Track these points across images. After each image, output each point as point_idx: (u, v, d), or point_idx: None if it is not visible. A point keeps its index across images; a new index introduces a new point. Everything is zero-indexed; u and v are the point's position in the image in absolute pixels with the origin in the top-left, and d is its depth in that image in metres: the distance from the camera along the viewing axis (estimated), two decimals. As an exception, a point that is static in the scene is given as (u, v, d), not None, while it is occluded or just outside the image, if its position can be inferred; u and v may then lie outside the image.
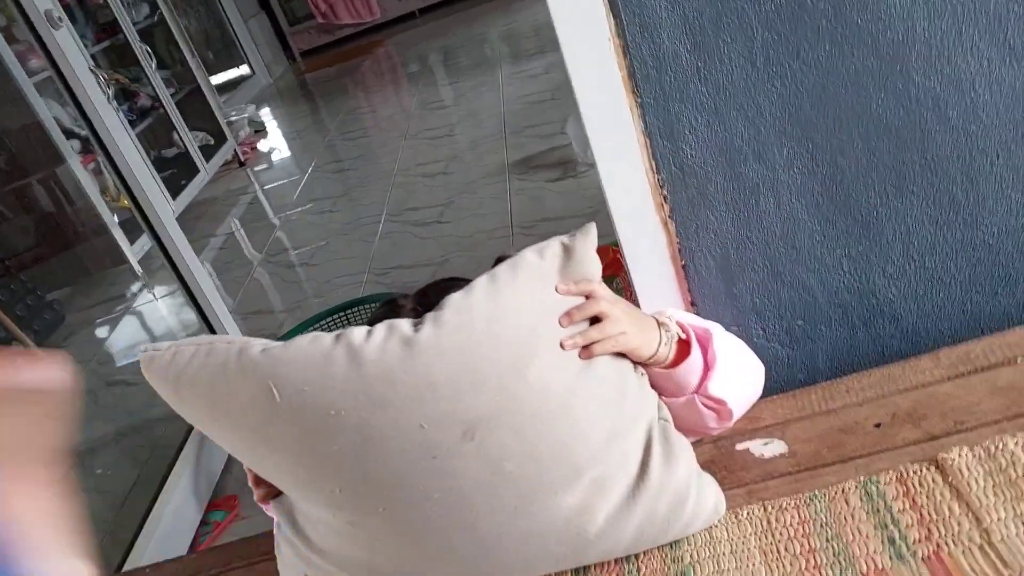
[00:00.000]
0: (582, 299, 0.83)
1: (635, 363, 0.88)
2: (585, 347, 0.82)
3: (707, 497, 0.88)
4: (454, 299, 0.80)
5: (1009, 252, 1.07)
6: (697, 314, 1.10)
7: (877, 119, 1.00)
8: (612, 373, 0.85)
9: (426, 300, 0.89)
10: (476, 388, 0.77)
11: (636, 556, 0.88)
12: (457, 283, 0.87)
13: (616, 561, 0.89)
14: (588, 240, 0.84)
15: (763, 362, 1.12)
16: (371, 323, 0.84)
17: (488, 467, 0.79)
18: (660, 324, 0.89)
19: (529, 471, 0.80)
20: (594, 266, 0.84)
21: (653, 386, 0.91)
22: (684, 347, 0.90)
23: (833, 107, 0.99)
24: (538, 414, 0.79)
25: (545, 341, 0.80)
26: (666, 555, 0.88)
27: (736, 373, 0.93)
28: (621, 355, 0.86)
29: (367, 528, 0.84)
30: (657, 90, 0.97)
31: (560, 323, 0.81)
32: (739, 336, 1.10)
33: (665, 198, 1.03)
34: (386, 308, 0.94)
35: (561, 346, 0.81)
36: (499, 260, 0.90)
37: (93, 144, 2.26)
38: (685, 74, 0.97)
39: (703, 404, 0.92)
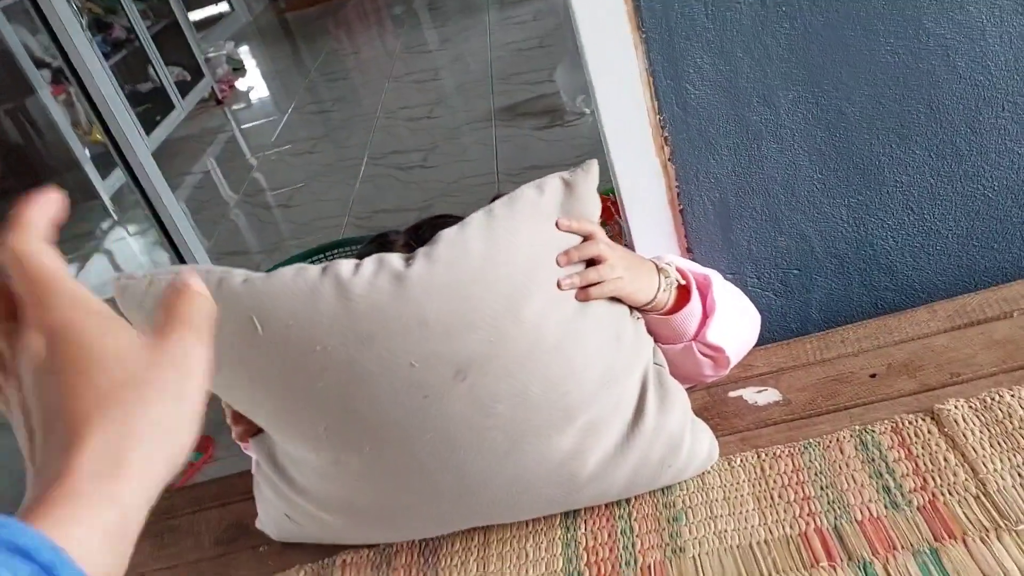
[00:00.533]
0: (580, 239, 0.81)
1: (632, 308, 0.86)
2: (582, 289, 0.80)
3: (701, 443, 0.87)
4: (448, 234, 0.77)
5: (1008, 207, 1.06)
6: (692, 260, 1.08)
7: (885, 65, 0.97)
8: (608, 316, 0.83)
9: (419, 236, 0.86)
10: (469, 327, 0.75)
11: (628, 501, 0.87)
12: (452, 219, 0.84)
13: (607, 505, 0.88)
14: (590, 177, 0.81)
15: (757, 310, 1.11)
16: (360, 257, 0.81)
17: (479, 409, 0.77)
18: (659, 269, 0.87)
19: (521, 413, 0.78)
20: (594, 205, 0.82)
21: (650, 332, 0.89)
22: (683, 293, 0.88)
23: (842, 51, 0.96)
24: (532, 355, 0.77)
25: (542, 280, 0.78)
26: (658, 500, 0.87)
27: (735, 320, 0.92)
28: (618, 300, 0.84)
29: (351, 468, 0.82)
30: (663, 25, 0.94)
31: (558, 262, 0.79)
32: (734, 284, 1.09)
33: (666, 140, 1.00)
34: (377, 243, 0.91)
35: (558, 285, 0.78)
36: (496, 199, 0.87)
37: (66, 74, 2.18)
38: (692, 10, 0.93)
39: (700, 352, 0.90)
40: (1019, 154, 1.03)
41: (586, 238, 0.81)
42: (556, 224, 0.79)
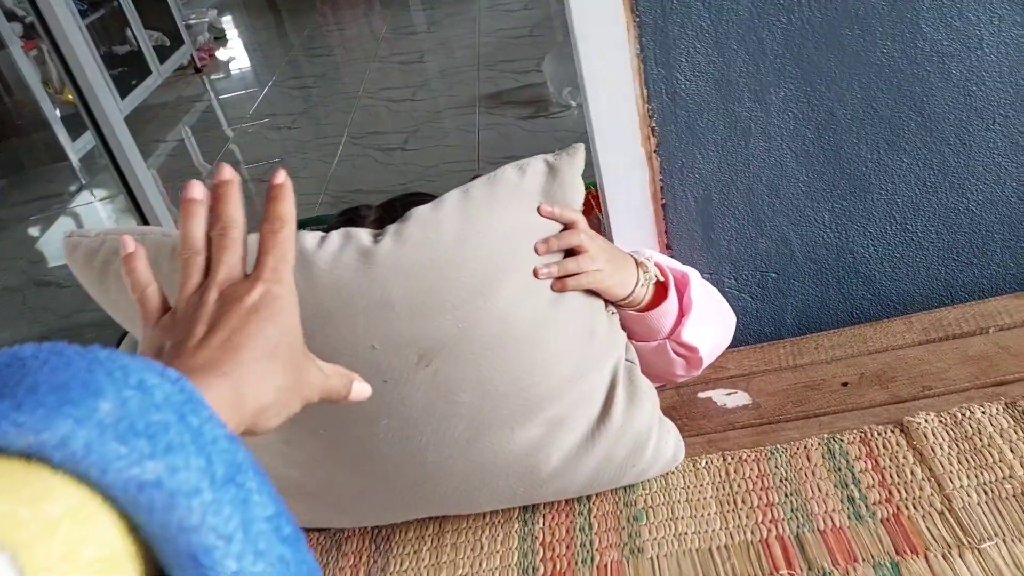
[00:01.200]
0: (560, 226, 0.78)
1: (608, 302, 0.84)
2: (559, 279, 0.77)
3: (667, 443, 0.85)
4: (421, 212, 0.74)
5: (991, 222, 1.05)
6: (672, 256, 1.06)
7: (879, 68, 0.95)
8: (583, 309, 0.80)
9: (392, 212, 0.83)
10: (436, 310, 0.72)
11: (588, 497, 0.85)
12: (427, 197, 0.81)
13: (567, 501, 0.85)
14: (575, 161, 0.78)
15: (731, 312, 1.09)
16: (327, 231, 0.78)
17: (442, 396, 0.74)
18: (639, 264, 0.84)
19: (485, 403, 0.76)
20: (578, 192, 0.79)
21: (624, 328, 0.87)
22: (660, 290, 0.86)
23: (837, 50, 0.94)
24: (501, 343, 0.74)
25: (517, 265, 0.75)
26: (619, 498, 0.84)
27: (710, 321, 0.90)
28: (594, 293, 0.81)
29: (305, 449, 0.79)
30: (658, 10, 0.91)
31: (536, 249, 0.76)
32: (711, 284, 1.07)
33: (653, 130, 0.97)
34: (346, 217, 0.87)
35: (534, 274, 0.76)
36: (475, 179, 0.84)
37: (38, 29, 2.11)
38: (689, -3, 0.91)
39: (674, 350, 0.88)
40: (1006, 169, 1.01)
41: (567, 226, 0.78)
42: (538, 209, 0.76)
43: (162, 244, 0.75)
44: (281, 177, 0.53)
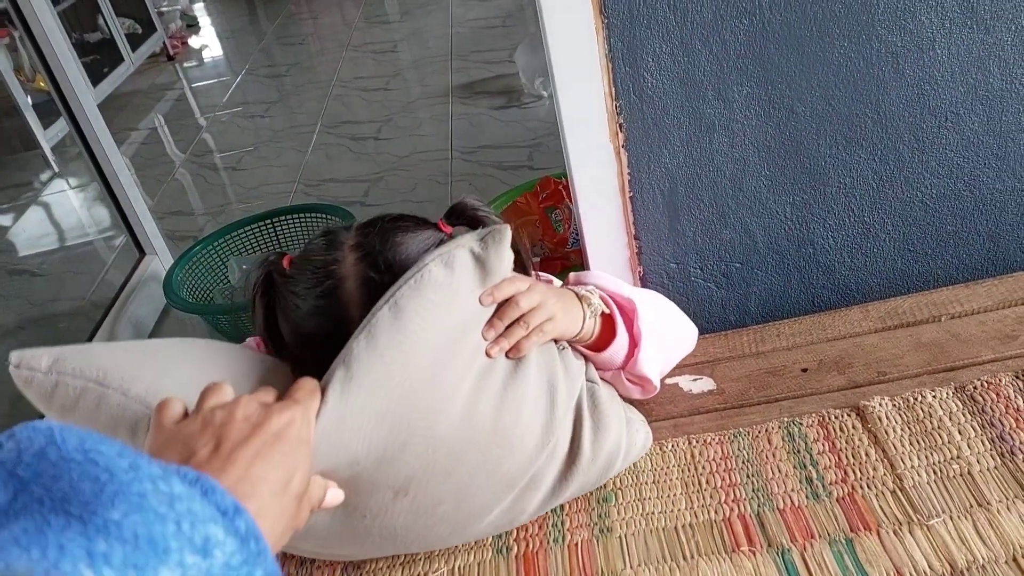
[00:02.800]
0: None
1: (556, 340, 0.84)
2: (513, 347, 0.77)
3: (636, 441, 0.87)
4: (358, 351, 0.69)
5: (944, 215, 1.10)
6: (639, 249, 1.09)
7: (837, 68, 0.99)
8: (538, 367, 0.79)
9: (368, 240, 0.78)
10: (400, 451, 0.70)
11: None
12: (403, 223, 0.80)
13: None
14: (501, 248, 0.75)
15: (697, 301, 1.13)
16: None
17: (423, 515, 0.75)
18: (581, 298, 0.84)
19: (463, 503, 0.76)
20: (507, 264, 0.77)
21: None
22: (608, 321, 0.86)
23: (797, 52, 0.98)
24: (470, 447, 0.74)
25: (465, 361, 0.74)
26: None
27: (664, 347, 0.90)
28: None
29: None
30: (625, 12, 0.94)
31: (484, 336, 0.75)
32: (677, 274, 1.11)
33: (621, 126, 1.01)
34: (326, 240, 0.81)
35: (487, 354, 0.75)
36: (453, 210, 0.85)
37: (11, 14, 2.10)
38: (655, -1, 0.94)
39: (628, 379, 0.89)
40: (957, 165, 1.06)
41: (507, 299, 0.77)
42: (480, 301, 0.75)
43: (121, 415, 0.68)
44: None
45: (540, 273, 0.99)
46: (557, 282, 0.95)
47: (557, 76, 0.98)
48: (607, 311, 0.85)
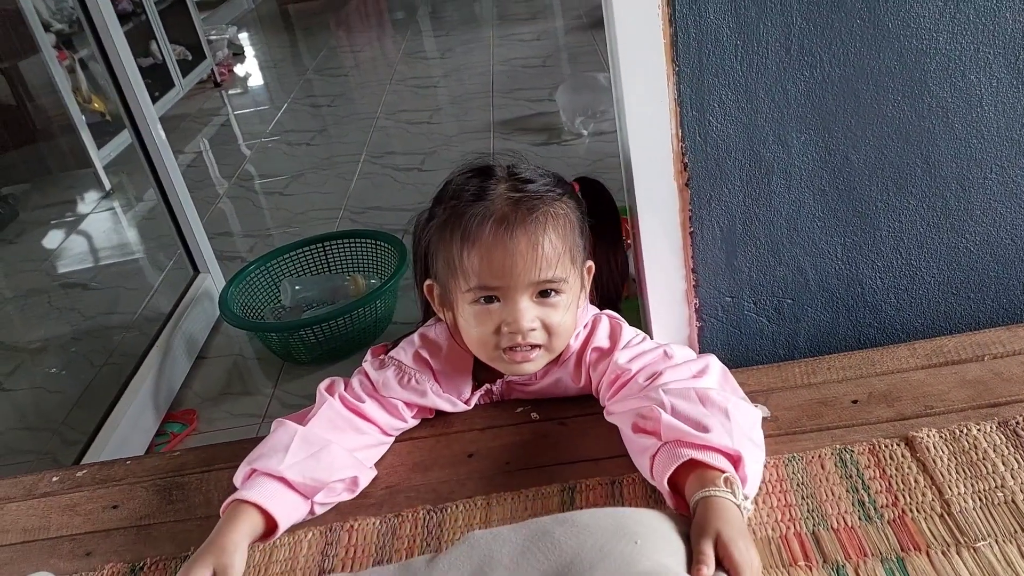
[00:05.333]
0: None
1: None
2: None
3: None
4: None
5: (986, 261, 1.15)
6: (696, 282, 1.15)
7: (890, 120, 1.06)
8: None
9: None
10: None
11: (623, 495, 0.94)
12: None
13: (604, 496, 0.94)
14: None
15: (749, 334, 1.19)
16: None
17: None
18: (740, 507, 0.81)
19: None
20: None
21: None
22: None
23: (853, 102, 1.05)
24: None
25: None
26: (650, 491, 0.93)
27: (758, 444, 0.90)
28: None
29: None
30: (695, 61, 1.02)
31: None
32: (731, 307, 1.17)
33: (685, 166, 1.08)
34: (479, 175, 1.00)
35: None
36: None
37: (86, 32, 2.22)
38: (723, 50, 1.01)
39: None
40: (1001, 214, 1.12)
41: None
42: None
43: None
44: None
45: (611, 313, 1.06)
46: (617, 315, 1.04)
47: (629, 118, 1.06)
48: (751, 507, 0.84)
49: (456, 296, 0.96)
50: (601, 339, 1.01)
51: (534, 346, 0.96)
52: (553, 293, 0.95)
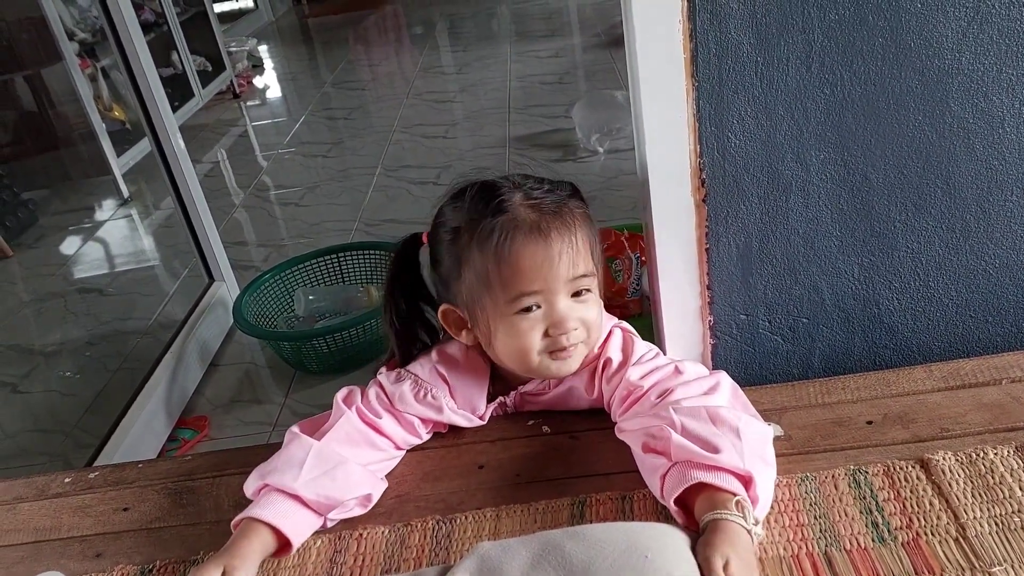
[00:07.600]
0: None
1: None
2: None
3: None
4: None
5: (1005, 284, 1.14)
6: (711, 299, 1.15)
7: (911, 140, 1.06)
8: None
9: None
10: None
11: (633, 510, 0.93)
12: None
13: (614, 510, 0.94)
14: None
15: (763, 352, 1.18)
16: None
17: None
18: (750, 533, 0.80)
19: None
20: None
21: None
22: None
23: (873, 122, 1.04)
24: None
25: None
26: (661, 507, 0.93)
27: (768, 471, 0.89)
28: None
29: None
30: (715, 77, 1.02)
31: None
32: (745, 325, 1.17)
33: (703, 182, 1.08)
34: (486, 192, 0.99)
35: None
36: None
37: (110, 42, 2.25)
38: (744, 66, 1.01)
39: None
40: (1021, 236, 1.11)
41: None
42: None
43: None
44: None
45: (621, 322, 1.05)
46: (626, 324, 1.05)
47: (647, 133, 1.06)
48: (760, 531, 0.82)
49: (490, 313, 0.96)
50: (614, 350, 1.02)
51: (575, 344, 0.98)
52: (585, 291, 0.97)
